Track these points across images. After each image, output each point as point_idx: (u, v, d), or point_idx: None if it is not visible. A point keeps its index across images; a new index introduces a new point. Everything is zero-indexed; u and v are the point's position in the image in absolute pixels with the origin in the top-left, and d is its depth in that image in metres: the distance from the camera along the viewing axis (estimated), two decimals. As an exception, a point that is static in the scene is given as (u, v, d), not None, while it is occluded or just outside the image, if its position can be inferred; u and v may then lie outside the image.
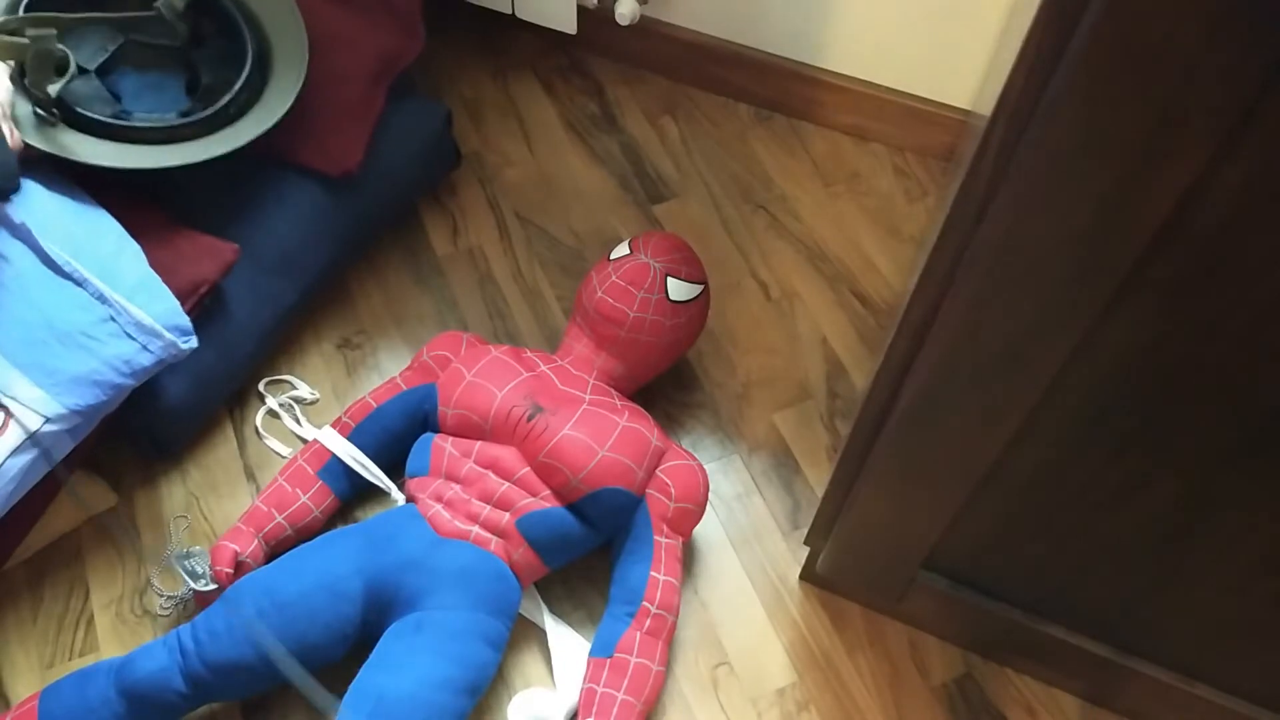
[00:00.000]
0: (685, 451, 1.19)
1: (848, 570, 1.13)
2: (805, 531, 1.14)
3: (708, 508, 1.22)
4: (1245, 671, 0.99)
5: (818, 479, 1.27)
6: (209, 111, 1.18)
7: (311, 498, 1.17)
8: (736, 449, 1.30)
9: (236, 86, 1.19)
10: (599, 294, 1.20)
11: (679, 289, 1.20)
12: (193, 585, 1.10)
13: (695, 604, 1.19)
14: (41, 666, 1.12)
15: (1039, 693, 1.16)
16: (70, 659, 1.13)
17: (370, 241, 1.41)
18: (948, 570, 1.05)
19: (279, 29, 1.26)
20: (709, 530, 1.23)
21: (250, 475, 1.25)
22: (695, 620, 1.18)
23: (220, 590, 1.09)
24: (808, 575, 1.20)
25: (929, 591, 1.07)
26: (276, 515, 1.15)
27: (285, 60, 1.25)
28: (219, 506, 1.22)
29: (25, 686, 1.11)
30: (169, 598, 1.15)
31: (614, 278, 1.19)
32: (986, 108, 0.67)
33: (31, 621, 1.15)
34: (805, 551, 1.19)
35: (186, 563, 1.11)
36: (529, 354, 1.20)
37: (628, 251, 1.21)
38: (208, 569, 1.10)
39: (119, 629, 1.15)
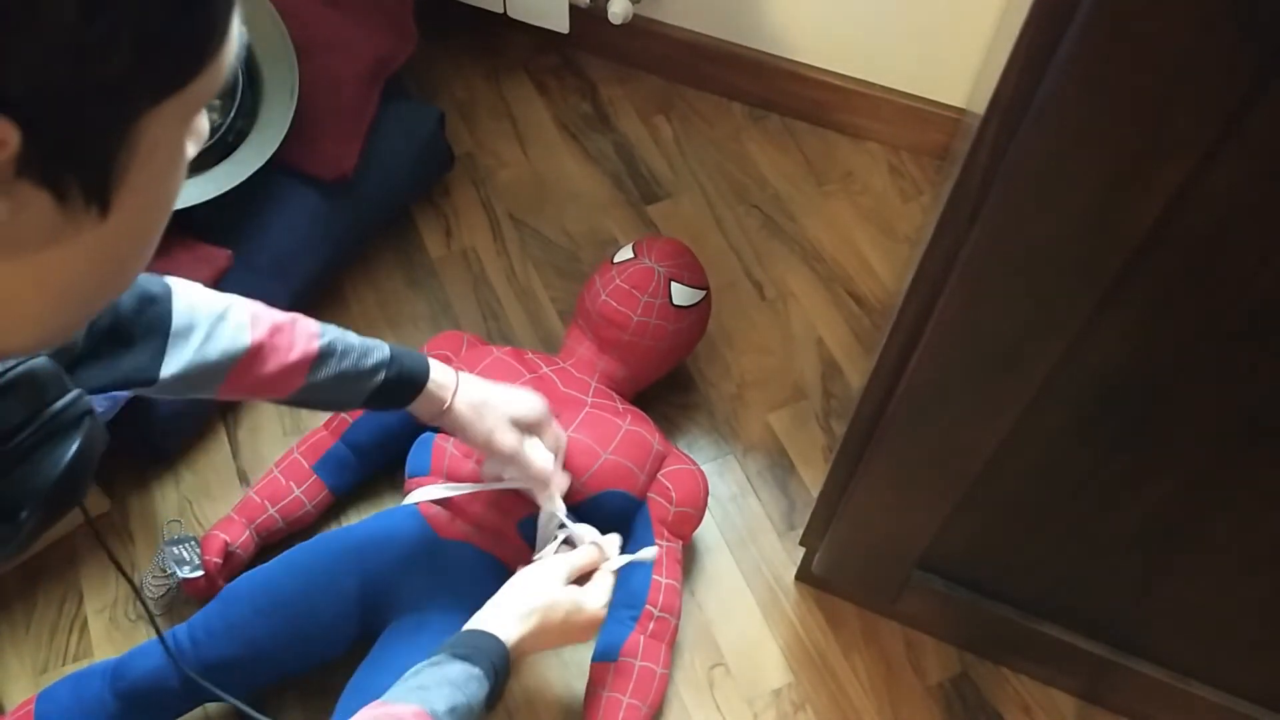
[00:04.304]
0: (685, 455, 1.19)
1: (843, 570, 1.13)
2: (800, 532, 1.14)
3: (703, 508, 1.22)
4: (1240, 669, 0.99)
5: (813, 479, 1.27)
6: (207, 144, 1.18)
7: (305, 491, 1.17)
8: (732, 449, 1.30)
9: (231, 114, 1.19)
10: (602, 297, 1.19)
11: (682, 294, 1.20)
12: (179, 571, 1.09)
13: (691, 605, 1.18)
14: (35, 672, 1.12)
15: (1035, 692, 1.16)
16: (64, 664, 1.12)
17: (364, 244, 1.41)
18: (943, 570, 1.05)
19: (264, 39, 1.25)
20: (705, 531, 1.23)
21: (244, 479, 1.24)
22: (691, 621, 1.18)
23: (207, 577, 1.09)
24: (803, 575, 1.20)
25: (924, 591, 1.07)
26: (269, 507, 1.15)
27: (274, 73, 1.24)
28: (212, 510, 1.22)
29: (20, 692, 1.10)
30: (160, 580, 1.15)
31: (617, 281, 1.19)
32: (980, 107, 0.66)
33: (25, 627, 1.14)
34: (801, 552, 1.19)
35: (175, 549, 1.11)
36: (530, 355, 1.20)
37: (631, 255, 1.21)
38: (196, 556, 1.10)
39: (113, 634, 1.14)
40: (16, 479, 0.54)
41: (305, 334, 0.87)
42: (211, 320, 0.82)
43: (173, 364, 0.80)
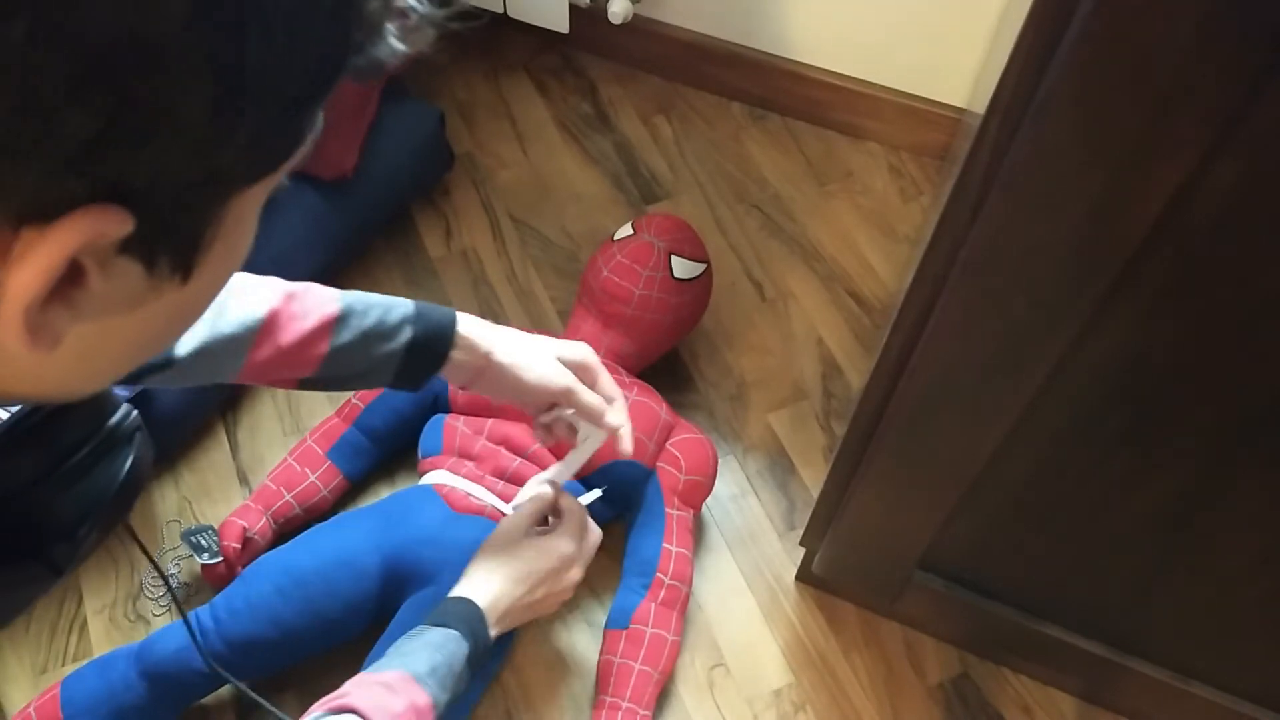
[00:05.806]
0: (693, 426, 1.20)
1: (843, 571, 1.13)
2: (801, 532, 1.14)
3: (703, 508, 1.22)
4: (1241, 669, 0.99)
5: (813, 479, 1.27)
6: None
7: (320, 477, 1.18)
8: (732, 450, 1.30)
9: None
10: (605, 273, 1.21)
11: (683, 267, 1.21)
12: (197, 558, 1.10)
13: (691, 605, 1.18)
14: (35, 672, 1.12)
15: (1035, 692, 1.16)
16: (63, 664, 1.12)
17: (364, 244, 1.41)
18: (943, 570, 1.05)
19: None
20: (705, 531, 1.23)
21: (243, 479, 1.24)
22: (691, 621, 1.17)
23: (226, 564, 1.10)
24: (803, 576, 1.20)
25: (925, 591, 1.07)
26: (285, 494, 1.16)
27: None
28: (212, 510, 1.22)
29: (20, 692, 1.10)
30: (158, 582, 1.15)
31: (619, 257, 1.21)
32: (980, 106, 0.66)
33: (24, 628, 1.14)
34: (801, 552, 1.19)
35: (194, 537, 1.12)
36: (537, 335, 1.21)
37: (631, 232, 1.23)
38: (215, 544, 1.11)
39: (112, 634, 1.14)
40: (78, 495, 0.54)
41: (321, 298, 0.82)
42: (222, 293, 0.80)
43: (188, 341, 0.76)
